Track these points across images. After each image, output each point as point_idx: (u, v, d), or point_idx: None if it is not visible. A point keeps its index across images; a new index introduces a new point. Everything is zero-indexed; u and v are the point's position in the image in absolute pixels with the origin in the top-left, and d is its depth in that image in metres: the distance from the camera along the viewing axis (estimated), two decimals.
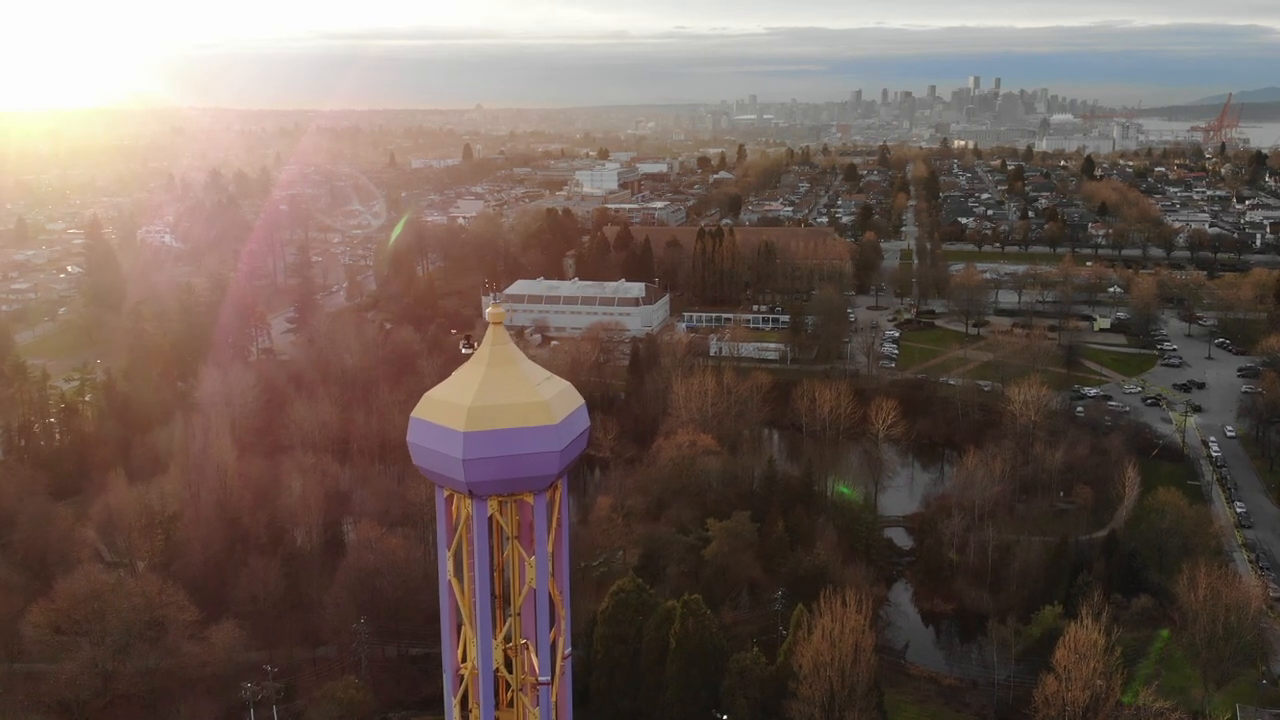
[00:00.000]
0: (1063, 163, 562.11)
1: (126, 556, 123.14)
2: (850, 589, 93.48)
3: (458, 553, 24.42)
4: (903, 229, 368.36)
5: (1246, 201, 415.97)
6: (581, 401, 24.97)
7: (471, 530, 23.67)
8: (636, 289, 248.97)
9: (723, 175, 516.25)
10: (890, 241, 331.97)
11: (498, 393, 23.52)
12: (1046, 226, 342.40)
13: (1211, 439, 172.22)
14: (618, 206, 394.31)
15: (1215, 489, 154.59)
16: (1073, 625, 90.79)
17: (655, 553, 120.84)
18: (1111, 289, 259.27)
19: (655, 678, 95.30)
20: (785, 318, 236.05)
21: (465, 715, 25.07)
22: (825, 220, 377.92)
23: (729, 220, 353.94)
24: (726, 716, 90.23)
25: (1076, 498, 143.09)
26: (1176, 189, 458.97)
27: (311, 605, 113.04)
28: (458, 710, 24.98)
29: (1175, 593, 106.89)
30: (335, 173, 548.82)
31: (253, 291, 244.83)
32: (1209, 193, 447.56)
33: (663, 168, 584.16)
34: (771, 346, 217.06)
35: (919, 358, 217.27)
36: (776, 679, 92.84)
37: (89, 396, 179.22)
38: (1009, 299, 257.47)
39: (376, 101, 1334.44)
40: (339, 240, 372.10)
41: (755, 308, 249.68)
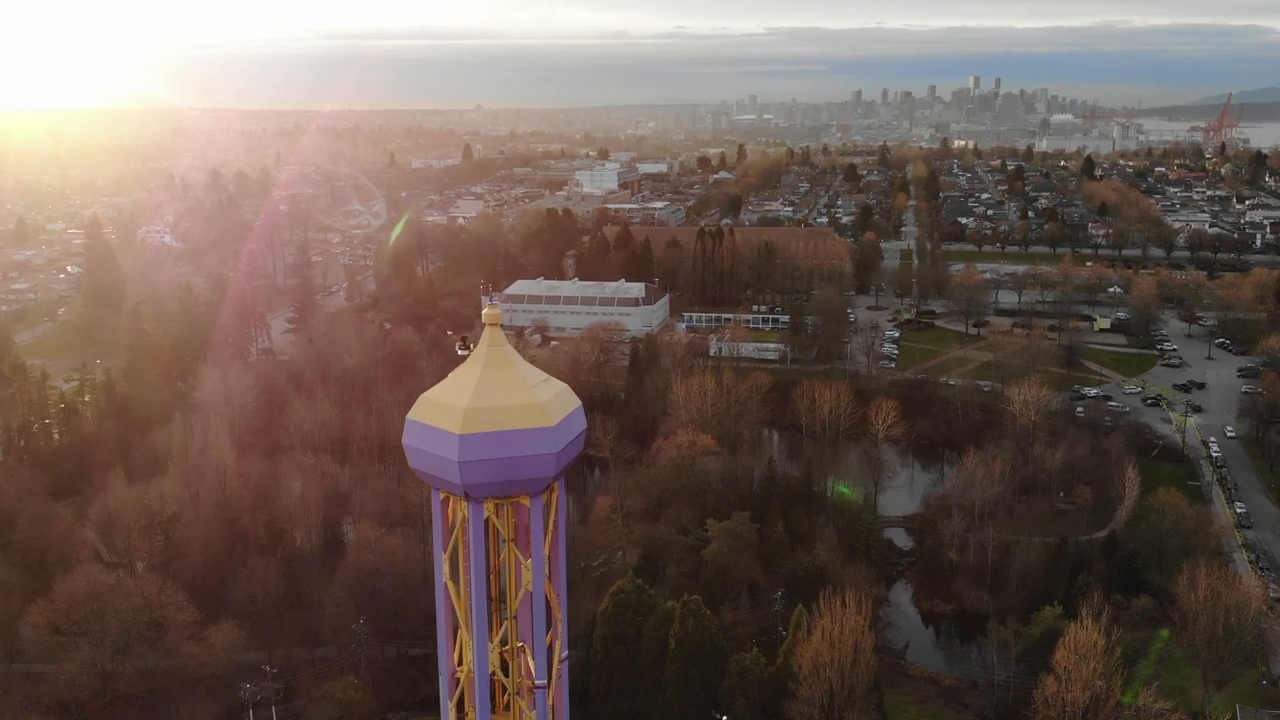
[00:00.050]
0: (1063, 163, 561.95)
1: (126, 557, 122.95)
2: (850, 589, 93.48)
3: (454, 555, 24.30)
4: (903, 229, 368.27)
5: (1246, 201, 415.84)
6: (578, 403, 24.83)
7: (467, 533, 23.54)
8: (636, 289, 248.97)
9: (723, 175, 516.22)
10: (890, 241, 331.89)
11: (494, 394, 23.38)
12: (1046, 226, 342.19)
13: (1212, 439, 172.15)
14: (618, 206, 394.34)
15: (1215, 489, 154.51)
16: (1073, 626, 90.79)
17: (655, 553, 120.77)
18: (1111, 289, 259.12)
19: (655, 678, 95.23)
20: (785, 318, 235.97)
21: (461, 719, 24.97)
22: (825, 220, 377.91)
23: (729, 220, 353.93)
24: (726, 717, 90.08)
25: (1076, 498, 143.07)
26: (1176, 189, 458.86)
27: (311, 605, 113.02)
28: (454, 714, 24.86)
29: (1175, 593, 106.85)
30: (335, 173, 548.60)
31: (252, 291, 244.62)
32: (1209, 193, 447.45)
33: (663, 168, 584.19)
34: (771, 347, 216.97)
35: (919, 358, 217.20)
36: (776, 680, 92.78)
37: (89, 396, 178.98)
38: (1009, 299, 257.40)
39: (376, 101, 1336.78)
40: (339, 240, 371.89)
41: (755, 308, 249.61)
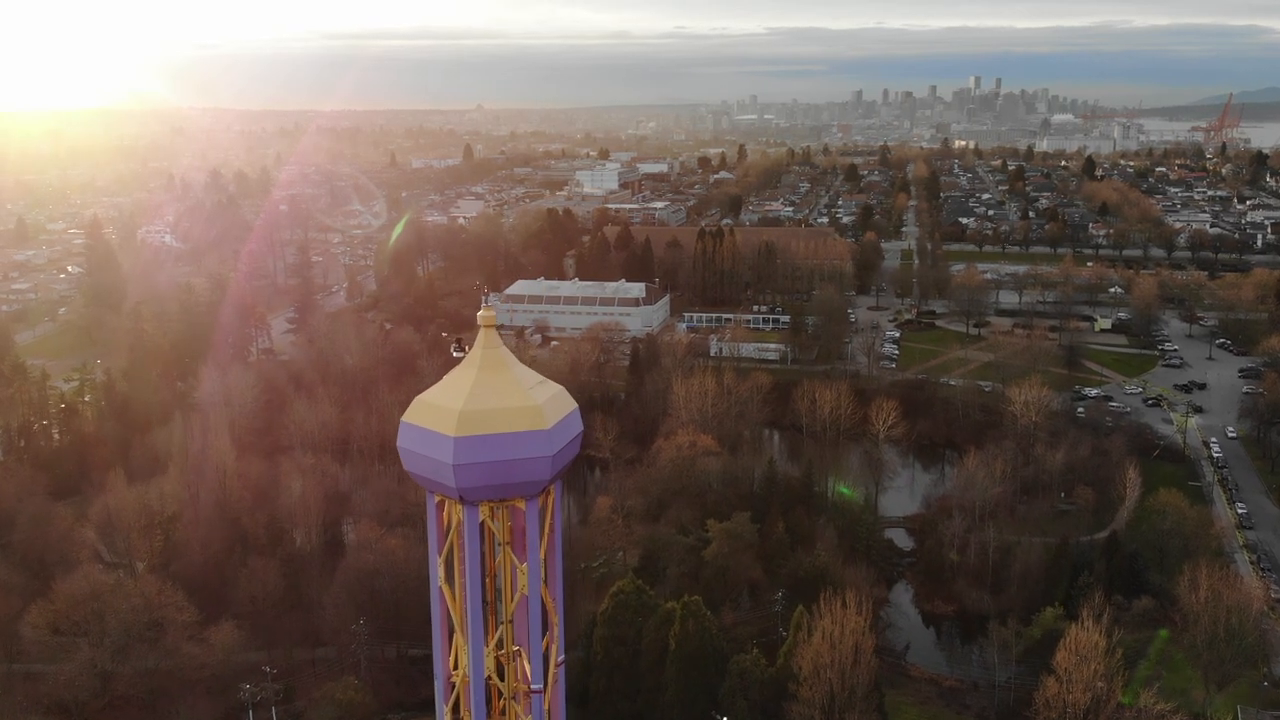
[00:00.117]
0: (1063, 163, 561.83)
1: (126, 557, 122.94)
2: (850, 590, 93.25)
3: (449, 559, 24.16)
4: (903, 229, 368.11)
5: (1247, 202, 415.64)
6: (574, 406, 24.67)
7: (463, 536, 23.40)
8: (637, 289, 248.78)
9: (723, 175, 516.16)
10: (891, 242, 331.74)
11: (489, 396, 23.22)
12: (1047, 227, 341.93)
13: (1213, 440, 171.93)
14: (618, 206, 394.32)
15: (1216, 490, 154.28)
16: (1073, 627, 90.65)
17: (655, 554, 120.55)
18: (1112, 289, 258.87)
19: (655, 679, 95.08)
20: (785, 318, 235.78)
21: None
22: (826, 220, 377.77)
23: (729, 220, 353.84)
24: (726, 718, 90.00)
25: (1077, 499, 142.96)
26: (1177, 189, 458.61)
27: (311, 606, 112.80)
28: (449, 718, 24.73)
29: (1176, 594, 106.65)
30: (335, 173, 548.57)
31: (253, 292, 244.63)
32: (1210, 193, 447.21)
33: (663, 168, 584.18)
34: (772, 347, 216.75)
35: (919, 358, 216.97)
36: (776, 681, 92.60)
37: (89, 397, 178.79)
38: (1010, 299, 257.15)
39: (377, 101, 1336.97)
40: (339, 240, 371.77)
41: (755, 308, 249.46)
